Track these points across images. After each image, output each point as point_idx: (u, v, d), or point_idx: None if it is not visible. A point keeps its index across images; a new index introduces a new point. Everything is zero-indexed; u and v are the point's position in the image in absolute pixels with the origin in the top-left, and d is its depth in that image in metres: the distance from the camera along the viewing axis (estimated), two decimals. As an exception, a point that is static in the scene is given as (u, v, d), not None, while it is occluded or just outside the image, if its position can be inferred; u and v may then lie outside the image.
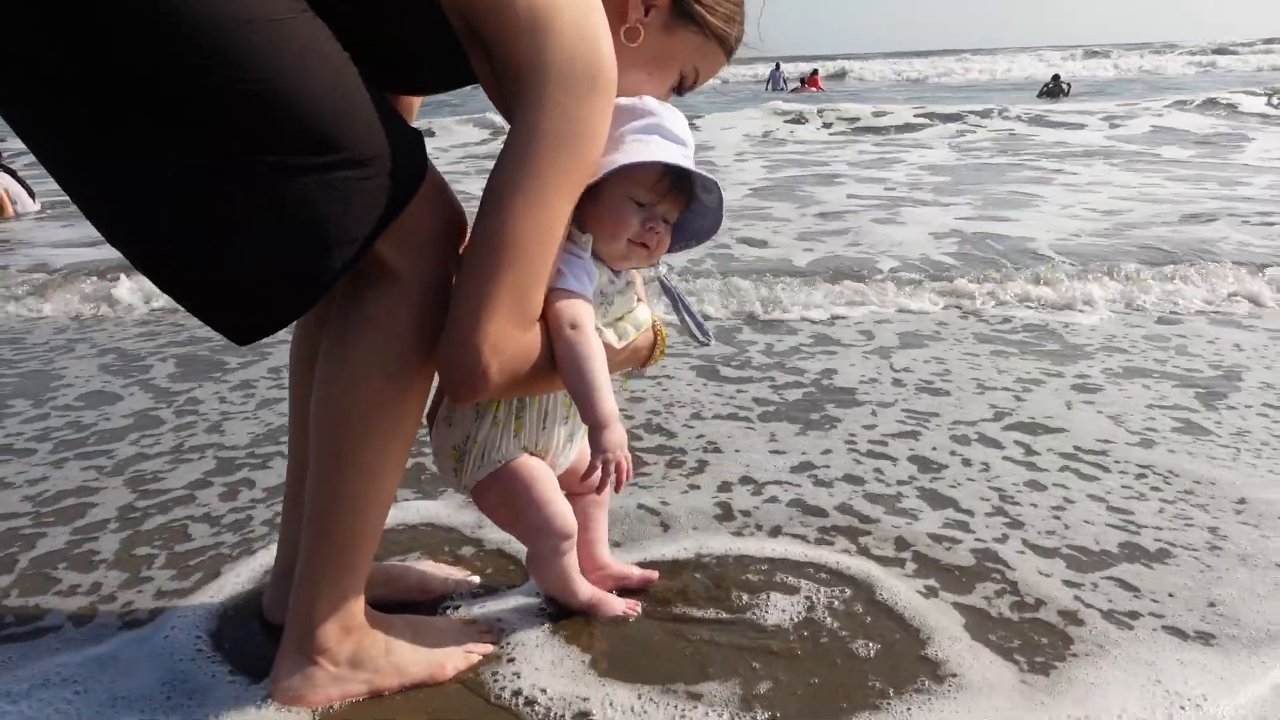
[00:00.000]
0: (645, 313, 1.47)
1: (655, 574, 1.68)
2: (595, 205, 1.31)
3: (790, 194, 6.95)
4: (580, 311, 1.28)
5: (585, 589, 1.58)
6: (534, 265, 1.19)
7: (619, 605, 1.59)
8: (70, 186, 1.12)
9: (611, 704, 1.36)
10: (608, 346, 1.34)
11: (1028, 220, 5.59)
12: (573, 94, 1.16)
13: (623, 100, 1.30)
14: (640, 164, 1.27)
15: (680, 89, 1.41)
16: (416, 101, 1.54)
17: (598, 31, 1.19)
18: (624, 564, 1.69)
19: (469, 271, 1.19)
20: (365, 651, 1.38)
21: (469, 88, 1.34)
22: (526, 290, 1.20)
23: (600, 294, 1.36)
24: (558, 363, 1.27)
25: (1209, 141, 9.67)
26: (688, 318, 1.49)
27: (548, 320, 1.27)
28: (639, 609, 1.60)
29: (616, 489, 1.31)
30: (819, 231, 5.42)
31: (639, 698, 1.38)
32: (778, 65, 26.88)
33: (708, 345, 1.51)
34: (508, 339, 1.19)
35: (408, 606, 1.59)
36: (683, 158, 1.30)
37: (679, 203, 1.37)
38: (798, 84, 25.32)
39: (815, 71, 26.58)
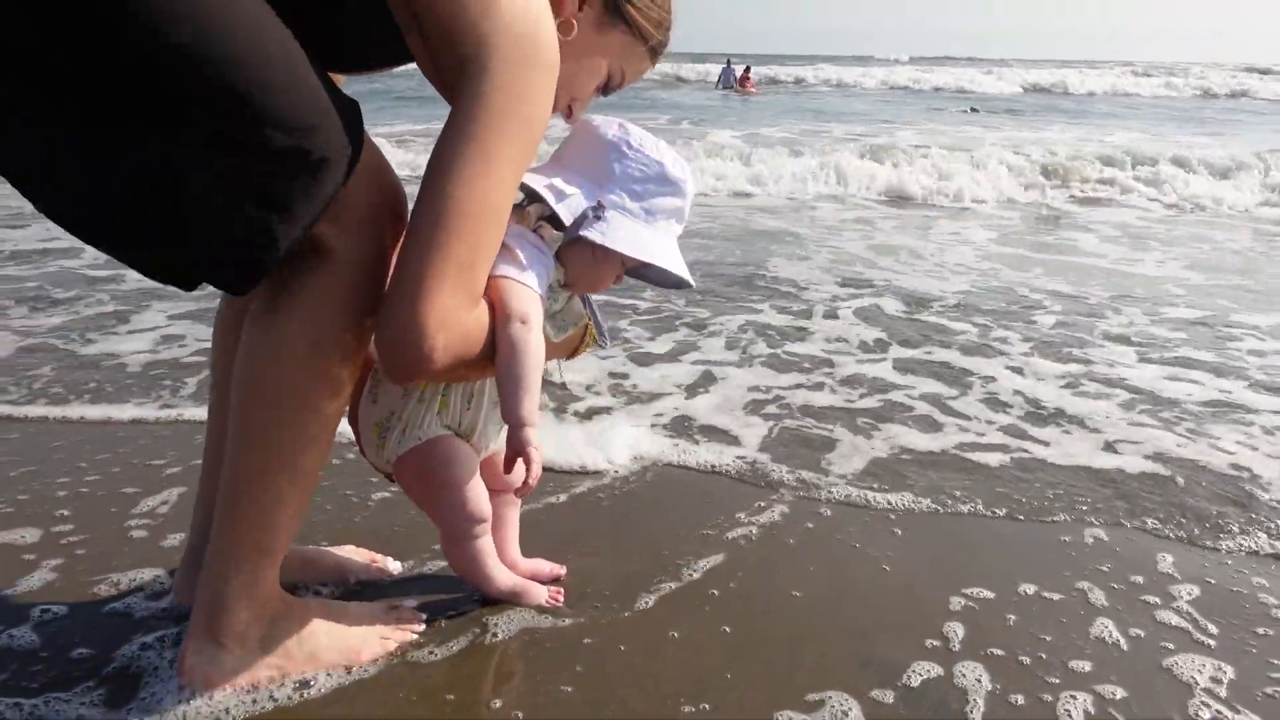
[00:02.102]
0: (579, 306, 1.48)
1: (563, 568, 1.68)
2: (593, 259, 1.37)
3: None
4: (533, 308, 1.28)
5: (505, 577, 1.56)
6: (480, 237, 1.17)
7: (542, 594, 1.58)
8: (47, 186, 1.07)
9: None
10: (546, 340, 1.34)
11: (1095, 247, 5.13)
12: (517, 69, 1.16)
13: (670, 164, 1.37)
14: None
15: (606, 89, 1.43)
16: (342, 78, 1.50)
17: (539, 9, 1.20)
18: (534, 560, 1.68)
19: (412, 243, 1.16)
20: (277, 636, 1.34)
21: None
22: (473, 263, 1.17)
23: (549, 289, 1.37)
24: (498, 353, 1.26)
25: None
26: (592, 319, 1.50)
27: (497, 309, 1.26)
28: (562, 597, 1.59)
29: (524, 489, 1.29)
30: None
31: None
32: (729, 62, 26.81)
33: (605, 348, 1.53)
34: (453, 315, 1.16)
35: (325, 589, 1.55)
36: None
37: None
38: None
39: (747, 69, 25.40)
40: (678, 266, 1.39)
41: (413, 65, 1.26)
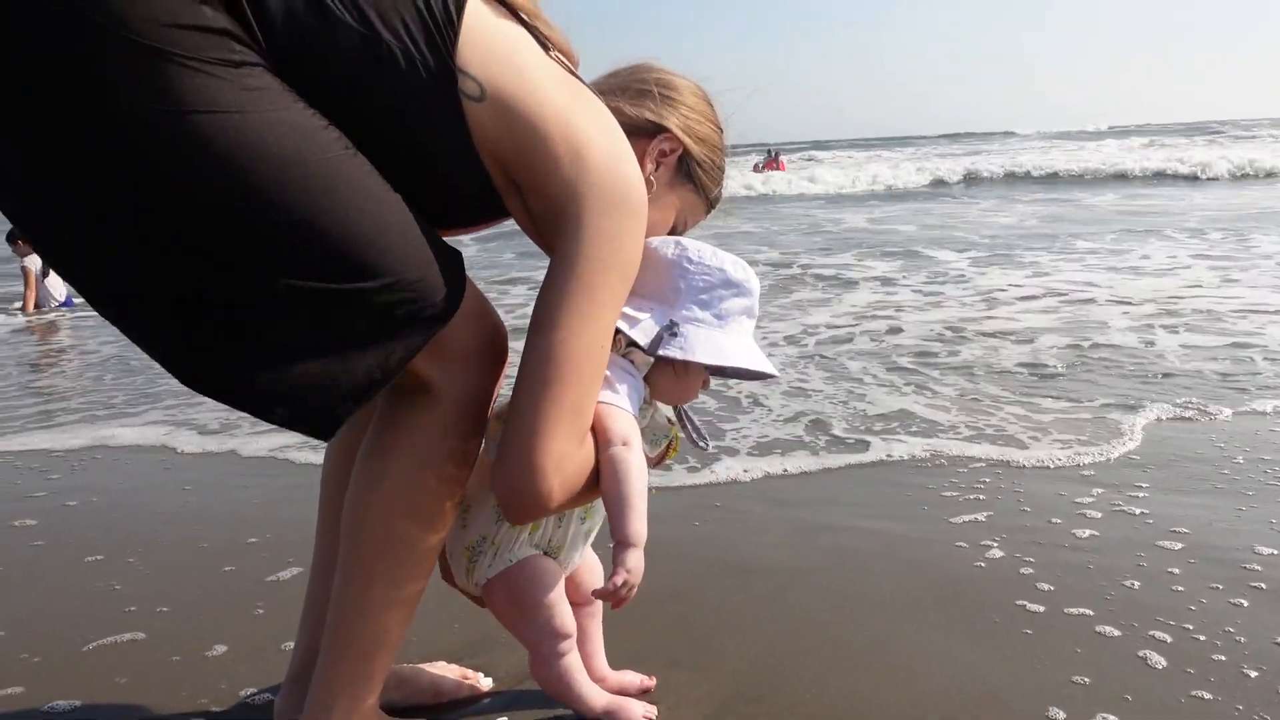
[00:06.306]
0: (662, 419, 1.53)
1: (654, 679, 1.68)
2: (675, 373, 1.42)
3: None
4: (632, 430, 1.34)
5: (598, 696, 1.56)
6: (588, 381, 1.25)
7: (637, 711, 1.57)
8: (124, 311, 1.15)
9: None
10: (644, 456, 1.38)
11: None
12: (611, 218, 1.24)
13: (731, 269, 1.42)
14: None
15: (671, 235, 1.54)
16: None
17: (628, 159, 1.28)
18: (622, 673, 1.68)
19: (526, 391, 1.23)
20: (375, 759, 1.36)
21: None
22: (581, 406, 1.25)
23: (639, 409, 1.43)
24: (602, 477, 1.31)
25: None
26: (689, 425, 1.55)
27: (598, 434, 1.32)
28: (654, 713, 1.58)
29: (616, 606, 1.33)
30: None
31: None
32: (767, 154, 26.97)
33: (707, 450, 1.55)
34: (568, 457, 1.24)
35: (420, 711, 1.57)
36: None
37: None
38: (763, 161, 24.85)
39: (775, 155, 25.12)
40: (758, 363, 1.43)
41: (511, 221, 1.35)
